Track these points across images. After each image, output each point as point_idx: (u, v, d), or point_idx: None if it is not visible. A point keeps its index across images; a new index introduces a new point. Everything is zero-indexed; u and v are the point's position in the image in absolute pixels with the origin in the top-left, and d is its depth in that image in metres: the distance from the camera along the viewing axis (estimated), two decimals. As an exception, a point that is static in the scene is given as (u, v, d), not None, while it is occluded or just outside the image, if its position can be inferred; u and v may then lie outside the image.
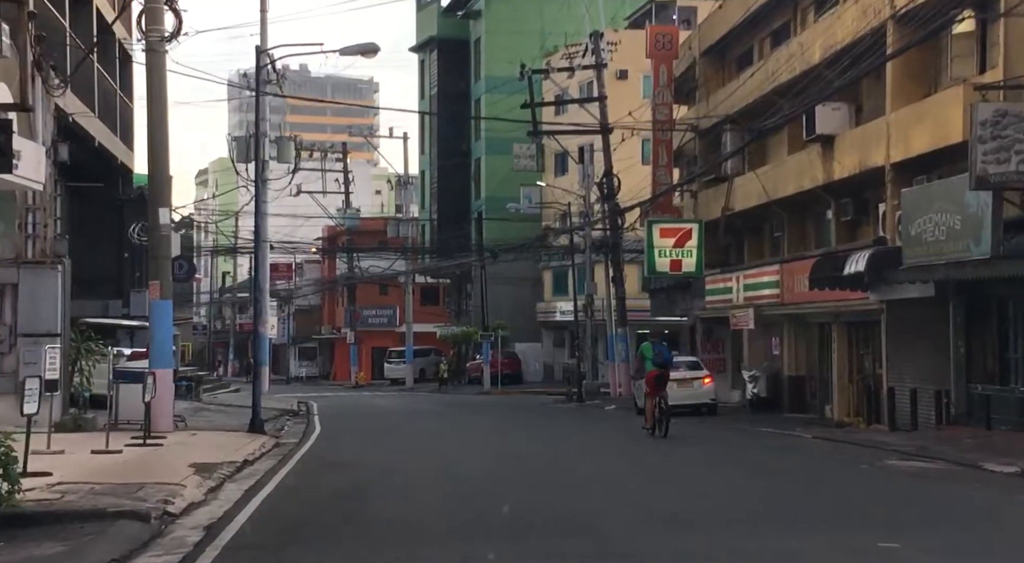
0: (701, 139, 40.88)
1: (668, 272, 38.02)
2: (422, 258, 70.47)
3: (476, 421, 33.34)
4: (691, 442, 24.54)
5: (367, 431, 29.37)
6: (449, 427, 30.32)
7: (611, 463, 20.19)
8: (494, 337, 58.53)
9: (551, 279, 64.08)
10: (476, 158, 68.05)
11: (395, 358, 70.31)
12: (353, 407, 44.23)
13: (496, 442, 24.41)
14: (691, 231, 37.73)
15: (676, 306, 43.81)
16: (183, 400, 36.78)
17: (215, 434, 25.15)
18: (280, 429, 29.77)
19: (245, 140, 48.66)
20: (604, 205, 48.16)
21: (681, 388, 34.46)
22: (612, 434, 27.91)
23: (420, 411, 40.01)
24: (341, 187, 69.54)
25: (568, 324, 62.66)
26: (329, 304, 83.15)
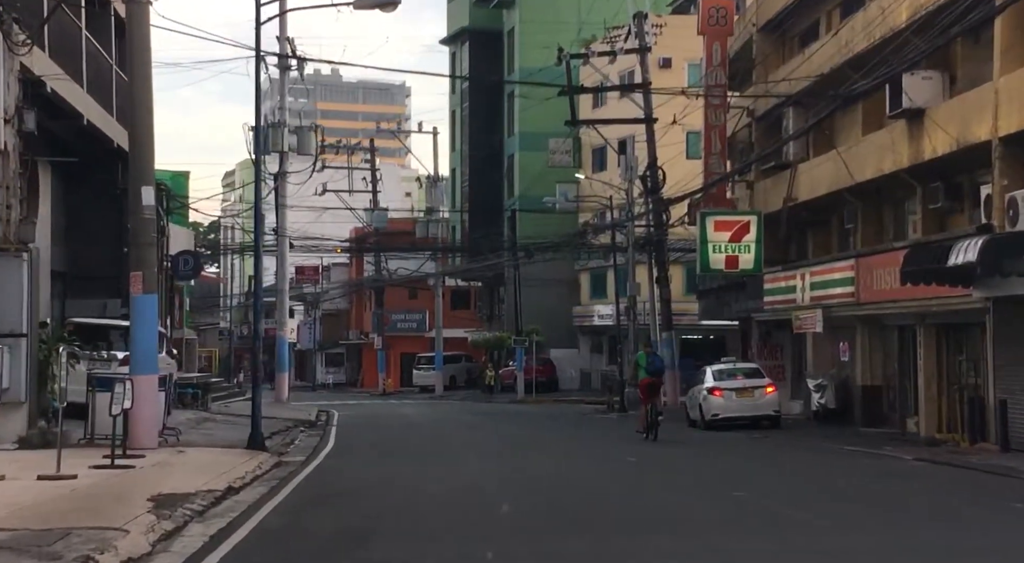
0: (758, 124, 36.74)
1: (723, 269, 33.91)
2: (452, 259, 66.50)
3: (512, 434, 29.29)
4: (783, 469, 20.34)
5: (387, 446, 25.39)
6: (483, 443, 26.27)
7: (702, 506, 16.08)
8: (528, 342, 54.45)
9: (588, 281, 59.98)
10: (509, 155, 64.05)
11: (424, 364, 66.39)
12: (377, 417, 40.30)
13: (542, 466, 20.30)
14: (749, 224, 33.62)
15: (728, 308, 39.66)
16: (187, 410, 32.99)
17: (206, 452, 21.20)
18: (289, 443, 25.87)
19: (263, 130, 45.05)
20: (648, 199, 44.07)
21: (741, 398, 30.36)
22: (680, 458, 23.73)
23: (449, 422, 36.02)
24: (368, 186, 65.64)
25: (606, 329, 58.59)
26: (357, 308, 79.33)
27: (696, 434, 29.34)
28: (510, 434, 29.35)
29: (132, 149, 20.95)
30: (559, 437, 28.44)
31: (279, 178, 44.86)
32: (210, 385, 35.37)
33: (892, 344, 29.50)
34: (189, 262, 32.81)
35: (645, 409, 26.82)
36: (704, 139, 37.01)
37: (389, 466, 19.97)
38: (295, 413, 37.54)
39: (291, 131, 44.57)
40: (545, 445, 25.50)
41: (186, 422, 29.00)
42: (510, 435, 28.92)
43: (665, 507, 14.26)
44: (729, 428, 29.98)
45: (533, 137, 60.82)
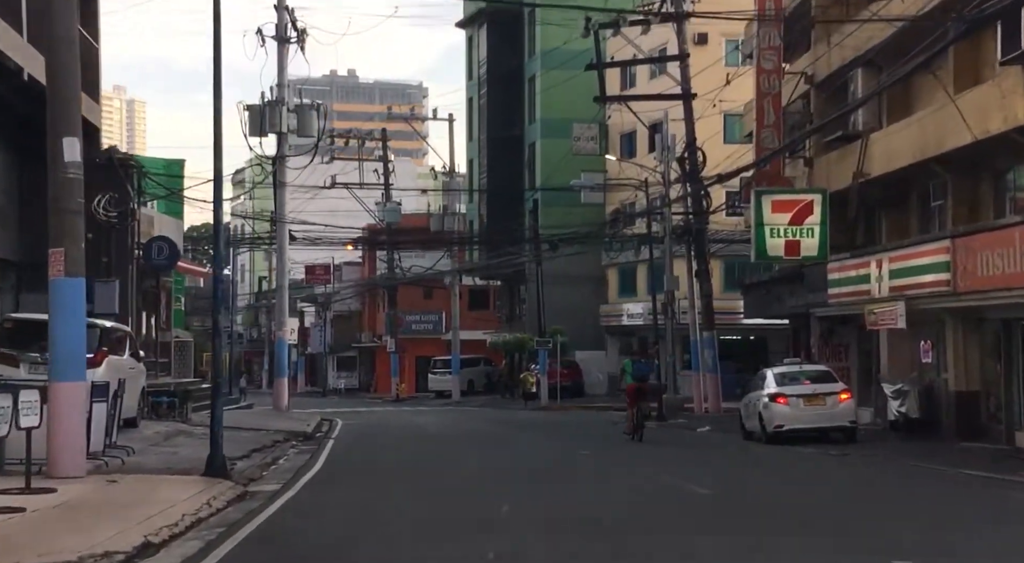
0: (818, 91, 31.67)
1: (782, 257, 28.85)
2: (470, 255, 61.47)
3: (542, 451, 24.29)
4: (915, 508, 15.19)
5: (387, 470, 20.39)
6: (510, 464, 21.19)
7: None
8: (552, 344, 49.37)
9: (616, 277, 54.85)
10: (530, 143, 59.01)
11: (440, 368, 61.42)
12: (385, 427, 35.35)
13: (585, 504, 15.23)
14: (812, 204, 28.57)
15: (780, 303, 34.59)
16: (162, 422, 28.06)
17: (149, 481, 16.24)
18: (269, 464, 20.97)
19: (259, 109, 40.20)
20: (685, 184, 39.01)
21: (810, 406, 25.29)
22: (783, 492, 18.64)
23: (466, 435, 31.03)
24: (380, 179, 60.70)
25: (636, 329, 53.47)
26: (369, 309, 74.42)
27: (759, 450, 24.25)
28: (542, 453, 24.28)
29: (50, 90, 16.00)
30: (604, 457, 23.29)
31: (277, 161, 40.00)
32: (192, 393, 30.35)
33: (991, 342, 24.38)
34: (164, 249, 27.90)
35: (632, 412, 27.58)
36: (756, 109, 31.94)
37: (384, 506, 14.91)
38: (292, 423, 32.66)
39: (291, 110, 39.74)
40: (590, 470, 20.41)
41: (153, 437, 24.12)
42: (542, 455, 23.84)
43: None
44: (795, 441, 24.93)
45: (556, 123, 55.80)
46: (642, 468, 19.91)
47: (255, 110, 39.19)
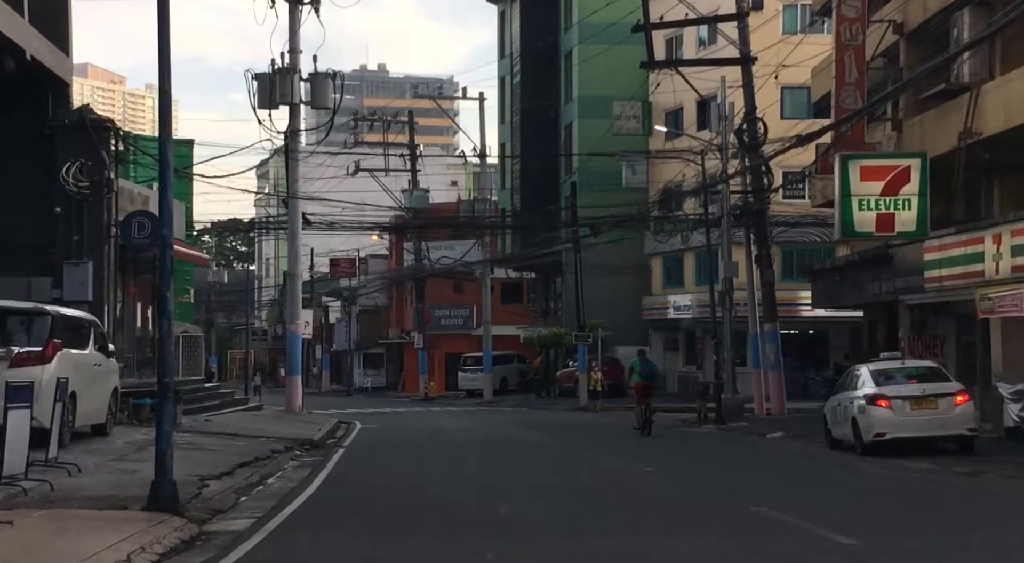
0: (910, 43, 26.78)
1: (873, 233, 24.02)
2: (502, 244, 56.80)
3: (605, 470, 19.61)
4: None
5: (400, 498, 15.70)
6: (564, 493, 16.41)
7: None
8: (592, 339, 44.66)
9: (661, 267, 50.03)
10: (567, 124, 54.20)
11: (471, 366, 56.76)
12: (408, 432, 30.77)
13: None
14: (909, 171, 23.71)
15: (858, 291, 29.74)
16: (143, 427, 23.48)
17: (60, 520, 11.72)
18: (252, 485, 16.44)
19: (269, 78, 35.65)
20: (744, 158, 34.19)
21: (918, 410, 20.51)
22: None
23: (500, 442, 26.40)
24: (407, 164, 56.09)
25: (683, 322, 48.68)
26: (397, 304, 69.84)
27: (863, 466, 19.42)
28: (605, 472, 19.59)
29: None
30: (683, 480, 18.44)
31: (289, 136, 35.44)
32: (184, 393, 25.74)
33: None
34: (145, 226, 23.30)
35: (640, 408, 28.52)
36: (835, 64, 27.11)
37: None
38: (301, 428, 28.13)
39: (303, 79, 35.15)
40: (673, 498, 15.62)
41: (122, 448, 19.59)
42: (606, 476, 19.15)
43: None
44: (900, 452, 20.18)
45: (594, 102, 51.06)
46: (742, 498, 15.11)
47: (264, 79, 34.62)
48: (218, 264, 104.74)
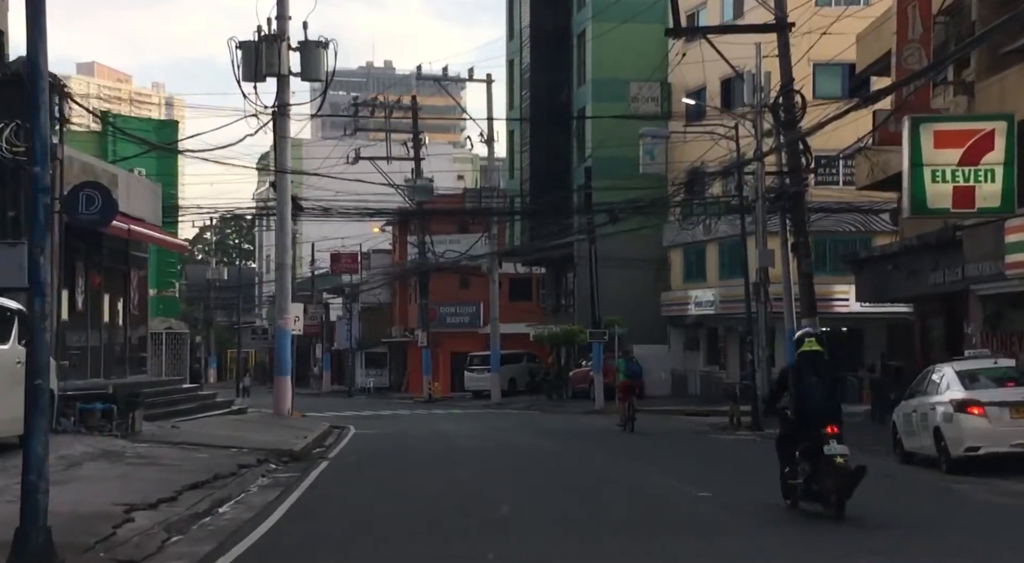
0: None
1: (949, 209, 20.21)
2: (510, 239, 53.03)
3: (648, 493, 15.85)
4: None
5: (387, 527, 11.96)
6: (600, 523, 12.66)
7: None
8: (607, 337, 40.90)
9: (681, 260, 46.18)
10: (580, 108, 50.37)
11: (478, 365, 53.01)
12: (406, 439, 27.04)
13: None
14: (992, 136, 19.92)
15: (915, 280, 25.97)
16: (92, 436, 19.79)
17: None
18: (196, 516, 12.74)
19: (254, 46, 31.94)
20: (779, 136, 30.39)
21: (1020, 418, 16.65)
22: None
23: (514, 451, 22.71)
24: (409, 152, 52.36)
25: (705, 319, 44.91)
26: (400, 301, 66.08)
27: (952, 487, 15.66)
28: (635, 494, 15.87)
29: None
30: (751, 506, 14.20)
31: (278, 111, 31.68)
32: (144, 397, 21.95)
33: None
34: (95, 201, 19.55)
35: (624, 406, 28.60)
36: (896, 17, 23.32)
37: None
38: (284, 435, 24.42)
39: (293, 49, 31.43)
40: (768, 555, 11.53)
41: (57, 465, 15.83)
42: (639, 501, 15.41)
43: None
44: (997, 470, 16.44)
45: (610, 85, 47.29)
46: (852, 545, 11.33)
47: (249, 48, 30.90)
48: (220, 261, 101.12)
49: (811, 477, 12.58)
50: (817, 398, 12.78)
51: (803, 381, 12.90)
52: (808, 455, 12.64)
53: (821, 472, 12.34)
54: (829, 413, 12.68)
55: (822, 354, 13.12)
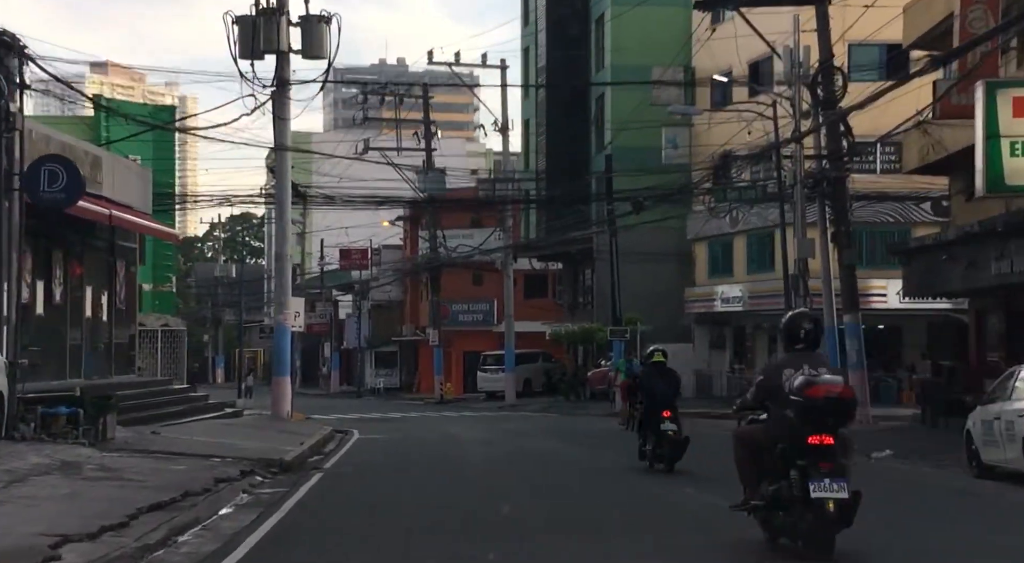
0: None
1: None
2: (525, 233, 50.52)
3: (697, 514, 13.25)
4: None
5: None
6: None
7: None
8: (629, 335, 38.34)
9: (706, 254, 43.55)
10: (598, 96, 47.77)
11: (491, 365, 50.48)
12: (414, 444, 24.52)
13: None
14: (1081, 100, 17.25)
15: (975, 272, 23.30)
16: (55, 444, 17.31)
17: None
18: (142, 550, 10.23)
19: (252, 21, 29.44)
20: (818, 116, 27.79)
21: None
22: None
23: (535, 460, 20.17)
24: (421, 142, 49.92)
25: (732, 316, 42.33)
26: (412, 298, 63.59)
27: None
28: (682, 516, 13.32)
29: None
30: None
31: (278, 89, 29.11)
32: (110, 400, 19.38)
33: None
34: (59, 177, 17.08)
35: (626, 405, 27.29)
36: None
37: None
38: (279, 441, 21.95)
39: (293, 23, 28.90)
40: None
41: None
42: (688, 528, 12.85)
43: None
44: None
45: (629, 71, 44.58)
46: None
47: (246, 22, 28.34)
48: (229, 259, 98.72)
49: (655, 446, 17.09)
50: (660, 393, 17.19)
51: (652, 382, 17.49)
52: (654, 431, 17.04)
53: (661, 442, 16.92)
54: (666, 403, 17.04)
55: (665, 363, 17.69)
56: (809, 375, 9.19)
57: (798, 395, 9.05)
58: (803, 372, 9.27)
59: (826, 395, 8.98)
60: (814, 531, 8.95)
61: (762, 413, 9.91)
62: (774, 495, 9.32)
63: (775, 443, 9.31)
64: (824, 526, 8.89)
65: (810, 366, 9.41)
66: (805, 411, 8.98)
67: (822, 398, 8.96)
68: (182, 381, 32.95)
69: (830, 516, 8.80)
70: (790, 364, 9.58)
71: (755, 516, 9.69)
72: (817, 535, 8.98)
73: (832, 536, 9.00)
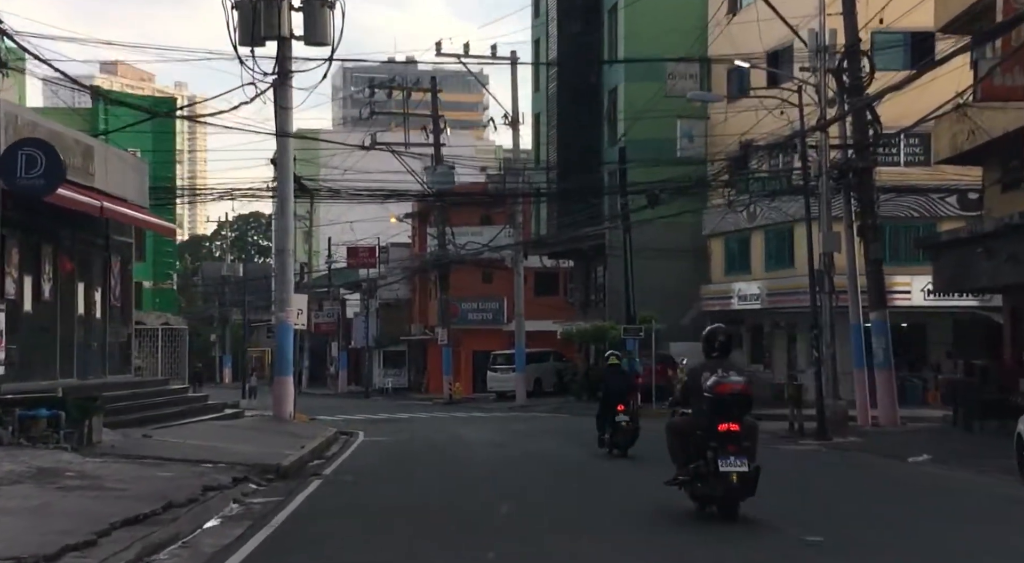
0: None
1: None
2: (536, 229, 49.23)
3: (744, 540, 11.91)
4: None
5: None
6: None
7: None
8: (643, 333, 36.98)
9: (722, 250, 42.16)
10: (611, 89, 46.41)
11: (502, 364, 49.15)
12: (421, 446, 23.25)
13: None
14: None
15: (1017, 265, 21.87)
16: (35, 449, 16.04)
17: None
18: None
19: (252, 5, 28.15)
20: (843, 103, 26.42)
21: None
22: None
23: (548, 462, 18.82)
24: (430, 137, 48.67)
25: (748, 314, 40.95)
26: (420, 297, 62.28)
27: None
28: (720, 538, 11.99)
29: None
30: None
31: (279, 76, 27.81)
32: (95, 402, 18.08)
33: None
34: (38, 162, 15.81)
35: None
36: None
37: None
38: (279, 444, 20.75)
39: (295, 8, 27.61)
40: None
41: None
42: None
43: None
44: None
45: (643, 63, 43.21)
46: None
47: (246, 7, 27.07)
48: (237, 258, 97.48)
49: (612, 434, 19.65)
50: (615, 391, 19.75)
51: (608, 381, 20.15)
52: (610, 423, 19.62)
53: (616, 432, 19.51)
54: (620, 398, 19.57)
55: (619, 366, 21.02)
56: (720, 376, 11.39)
57: (710, 392, 11.29)
58: (716, 374, 11.43)
59: (731, 391, 11.25)
60: (723, 497, 11.23)
61: (688, 409, 11.99)
62: (695, 471, 11.53)
63: (696, 430, 11.53)
64: (730, 493, 11.14)
65: (723, 370, 11.55)
66: (715, 404, 11.24)
67: (728, 394, 11.24)
68: (183, 381, 31.69)
69: (734, 486, 11.05)
70: (707, 368, 11.75)
71: (684, 489, 11.90)
72: (725, 501, 11.26)
73: (737, 502, 11.24)
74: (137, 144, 33.86)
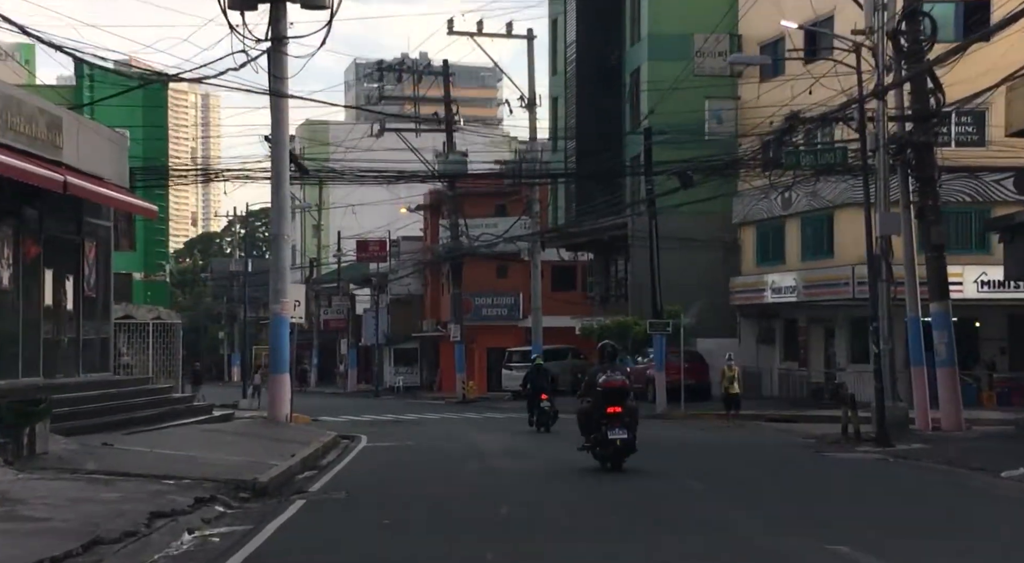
0: None
1: None
2: (553, 220, 46.23)
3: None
4: None
5: None
6: None
7: None
8: (670, 328, 33.90)
9: (754, 239, 39.03)
10: (633, 70, 43.28)
11: (517, 362, 46.07)
12: (428, 456, 20.26)
13: None
14: None
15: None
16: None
17: None
18: None
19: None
20: (901, 69, 23.34)
21: None
22: None
23: (579, 477, 15.80)
24: (441, 124, 45.71)
25: (782, 308, 37.91)
26: (432, 292, 59.29)
27: None
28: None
29: None
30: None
31: (274, 44, 24.82)
32: (41, 404, 15.06)
33: None
34: None
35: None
36: None
37: None
38: (264, 452, 17.88)
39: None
40: None
41: None
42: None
43: None
44: None
45: (668, 41, 40.26)
46: None
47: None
48: (247, 254, 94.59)
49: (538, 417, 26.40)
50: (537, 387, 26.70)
51: (534, 380, 27.01)
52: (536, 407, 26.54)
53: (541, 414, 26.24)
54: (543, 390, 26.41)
55: (543, 366, 28.16)
56: (608, 375, 16.56)
57: (600, 387, 16.44)
58: (606, 374, 16.59)
59: (611, 385, 16.39)
60: (612, 456, 16.31)
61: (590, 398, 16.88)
62: (594, 440, 16.55)
63: (593, 412, 16.56)
64: (616, 453, 16.26)
65: (610, 371, 16.73)
66: (603, 394, 16.40)
67: (612, 387, 16.40)
68: (175, 379, 28.82)
69: (619, 448, 16.20)
70: (601, 371, 16.81)
71: (590, 453, 16.66)
72: (613, 459, 16.31)
73: (621, 458, 16.28)
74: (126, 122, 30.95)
